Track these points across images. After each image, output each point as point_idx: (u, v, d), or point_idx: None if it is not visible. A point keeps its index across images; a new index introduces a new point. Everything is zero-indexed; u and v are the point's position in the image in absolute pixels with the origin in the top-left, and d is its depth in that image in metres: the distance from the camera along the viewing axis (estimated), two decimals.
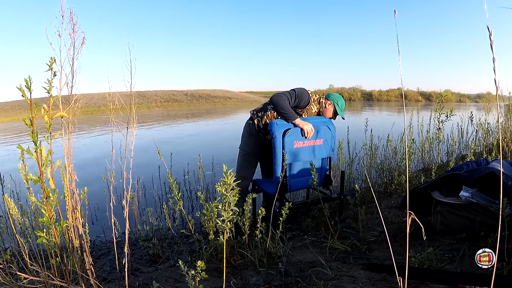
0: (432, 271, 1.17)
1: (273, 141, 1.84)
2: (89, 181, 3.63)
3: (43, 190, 0.90)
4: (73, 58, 1.01)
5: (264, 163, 2.27)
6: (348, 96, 38.96)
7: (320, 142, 1.98)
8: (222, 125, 12.32)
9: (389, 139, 3.16)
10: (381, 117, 13.63)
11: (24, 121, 0.83)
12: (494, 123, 4.10)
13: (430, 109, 3.64)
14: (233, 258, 1.44)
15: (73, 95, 1.04)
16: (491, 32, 0.56)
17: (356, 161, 3.18)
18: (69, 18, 0.97)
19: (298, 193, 3.08)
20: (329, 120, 2.06)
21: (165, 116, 16.96)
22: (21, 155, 1.25)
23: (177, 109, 24.10)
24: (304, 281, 1.23)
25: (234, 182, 0.89)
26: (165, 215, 1.86)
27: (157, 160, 3.59)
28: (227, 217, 0.92)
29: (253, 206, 2.04)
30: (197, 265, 0.83)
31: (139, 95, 28.48)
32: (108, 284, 1.42)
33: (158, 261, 1.74)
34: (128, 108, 1.14)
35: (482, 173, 1.45)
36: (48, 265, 1.30)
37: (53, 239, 0.97)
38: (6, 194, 1.50)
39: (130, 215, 2.11)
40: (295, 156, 1.91)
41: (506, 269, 1.12)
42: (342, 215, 2.14)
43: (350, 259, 1.43)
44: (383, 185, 2.85)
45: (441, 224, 1.51)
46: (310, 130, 1.88)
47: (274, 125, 1.85)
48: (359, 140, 3.18)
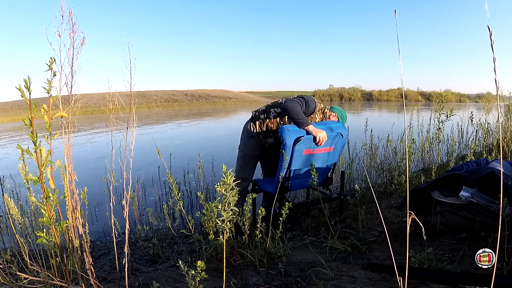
0: (432, 271, 1.17)
1: (282, 147, 1.77)
2: (89, 181, 3.63)
3: (43, 190, 0.90)
4: (73, 58, 1.01)
5: (265, 164, 2.26)
6: (348, 96, 38.94)
7: (330, 150, 1.92)
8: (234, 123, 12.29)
9: (389, 139, 3.16)
10: (381, 117, 13.63)
11: (23, 121, 0.83)
12: (494, 123, 4.10)
13: (430, 109, 3.64)
14: (233, 258, 1.44)
15: (73, 95, 1.04)
16: (491, 32, 0.56)
17: (356, 161, 3.18)
18: (69, 18, 0.97)
19: (298, 193, 3.08)
20: (342, 125, 1.99)
21: (174, 115, 16.96)
22: (21, 155, 1.25)
23: (177, 109, 24.10)
24: (304, 281, 1.23)
25: (234, 183, 0.89)
26: (165, 215, 1.86)
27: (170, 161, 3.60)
28: (227, 217, 0.92)
29: (253, 206, 2.04)
30: (197, 265, 0.83)
31: (139, 95, 28.48)
32: (108, 284, 1.42)
33: (158, 261, 1.74)
34: (128, 108, 1.14)
35: (482, 173, 1.45)
36: (48, 265, 1.30)
37: (53, 239, 0.97)
38: (6, 194, 1.50)
39: (130, 215, 2.11)
40: (302, 163, 1.86)
41: (506, 269, 1.12)
42: (342, 215, 2.14)
43: (350, 259, 1.43)
44: (383, 185, 2.85)
45: (441, 224, 1.51)
46: (323, 137, 1.81)
47: (285, 131, 1.76)
48: (359, 140, 3.18)
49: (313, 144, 1.83)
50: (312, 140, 1.81)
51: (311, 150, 1.84)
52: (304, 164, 1.88)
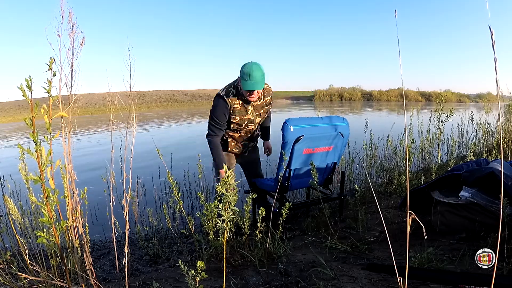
0: (432, 271, 1.17)
1: (283, 145, 1.74)
2: (89, 181, 3.63)
3: (43, 190, 0.90)
4: (73, 58, 1.01)
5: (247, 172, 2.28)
6: (348, 96, 38.88)
7: (330, 149, 1.91)
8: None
9: (389, 139, 3.15)
10: (381, 117, 13.63)
11: (24, 121, 0.83)
12: (494, 123, 4.10)
13: (430, 109, 3.64)
14: (233, 258, 1.44)
15: (73, 95, 1.04)
16: (492, 32, 0.56)
17: (356, 161, 3.18)
18: (69, 18, 0.97)
19: (298, 193, 3.08)
20: (344, 125, 1.91)
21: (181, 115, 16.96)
22: (21, 155, 1.25)
23: (177, 109, 24.09)
24: (304, 281, 1.23)
25: (234, 183, 0.89)
26: (165, 215, 1.85)
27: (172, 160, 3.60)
28: (227, 217, 0.92)
29: (253, 206, 2.04)
30: (197, 265, 0.83)
31: (139, 95, 28.49)
32: (108, 284, 1.42)
33: (158, 261, 1.74)
34: (128, 108, 1.14)
35: (482, 173, 1.45)
36: (48, 265, 1.30)
37: (53, 239, 0.97)
38: (6, 195, 1.50)
39: (130, 215, 2.11)
40: (302, 162, 1.85)
41: (506, 269, 1.12)
42: (342, 215, 2.14)
43: (350, 259, 1.43)
44: (383, 185, 2.85)
45: (441, 224, 1.51)
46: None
47: (288, 130, 1.71)
48: (359, 140, 3.17)
49: (313, 144, 1.82)
50: (312, 139, 1.80)
51: (311, 150, 1.84)
52: (304, 163, 1.87)
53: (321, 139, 1.83)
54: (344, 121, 1.96)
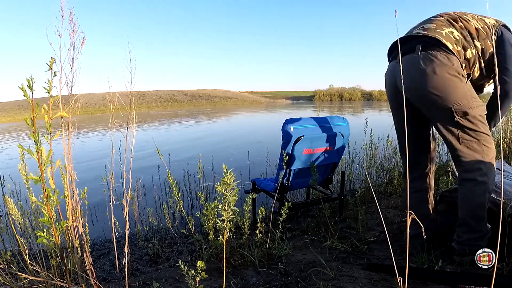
0: (432, 271, 1.17)
1: (283, 145, 1.75)
2: (89, 181, 3.63)
3: (43, 190, 0.90)
4: (73, 58, 1.01)
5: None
6: (348, 96, 38.91)
7: (330, 149, 1.91)
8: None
9: (389, 139, 3.15)
10: (381, 117, 13.62)
11: (25, 121, 0.83)
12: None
13: None
14: (233, 258, 1.44)
15: (73, 95, 1.04)
16: (493, 32, 0.56)
17: (356, 161, 3.18)
18: (69, 18, 0.97)
19: (298, 193, 3.08)
20: (345, 125, 1.94)
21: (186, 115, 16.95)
22: (21, 155, 1.25)
23: (177, 109, 24.10)
24: (304, 281, 1.23)
25: (234, 183, 0.89)
26: (165, 215, 1.86)
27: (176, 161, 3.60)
28: (227, 217, 0.92)
29: (253, 206, 2.04)
30: (197, 265, 0.83)
31: (139, 95, 28.50)
32: (108, 284, 1.42)
33: (158, 261, 1.74)
34: (128, 108, 1.14)
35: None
36: (48, 265, 1.31)
37: (53, 239, 0.97)
38: (6, 195, 1.50)
39: (130, 215, 2.11)
40: (302, 162, 1.85)
41: (506, 269, 1.12)
42: (342, 215, 2.14)
43: (350, 259, 1.43)
44: (383, 185, 2.85)
45: (441, 224, 1.51)
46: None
47: (288, 129, 1.73)
48: (359, 140, 3.17)
49: (313, 144, 1.82)
50: (312, 139, 1.80)
51: (311, 150, 1.84)
52: (304, 163, 1.88)
53: (321, 139, 1.84)
54: (344, 121, 1.96)
